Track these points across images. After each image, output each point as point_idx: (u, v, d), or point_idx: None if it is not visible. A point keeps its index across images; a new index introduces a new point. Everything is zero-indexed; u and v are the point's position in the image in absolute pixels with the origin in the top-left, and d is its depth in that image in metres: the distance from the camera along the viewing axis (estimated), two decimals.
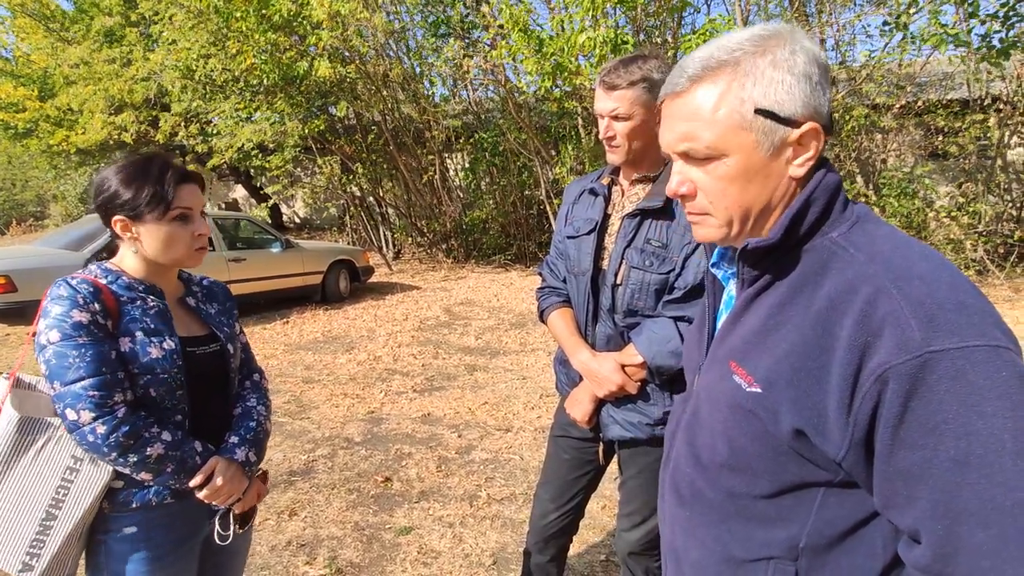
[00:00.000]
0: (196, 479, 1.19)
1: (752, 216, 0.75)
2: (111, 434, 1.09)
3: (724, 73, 0.71)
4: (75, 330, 1.10)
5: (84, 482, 1.13)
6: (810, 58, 0.71)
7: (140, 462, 1.12)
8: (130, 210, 1.18)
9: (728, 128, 0.71)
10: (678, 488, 0.87)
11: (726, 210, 0.75)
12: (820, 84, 0.71)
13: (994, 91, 7.86)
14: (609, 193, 1.54)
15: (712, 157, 0.73)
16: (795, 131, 0.71)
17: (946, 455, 0.59)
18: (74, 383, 1.09)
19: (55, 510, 1.11)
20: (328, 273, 7.84)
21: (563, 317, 1.56)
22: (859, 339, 0.63)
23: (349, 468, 3.24)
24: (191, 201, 1.22)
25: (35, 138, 12.96)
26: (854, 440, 0.64)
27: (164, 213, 1.19)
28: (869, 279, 0.65)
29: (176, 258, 1.23)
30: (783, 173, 0.73)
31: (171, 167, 1.21)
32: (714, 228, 0.77)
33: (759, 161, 0.72)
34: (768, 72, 0.70)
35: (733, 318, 0.80)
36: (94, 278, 1.19)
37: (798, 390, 0.67)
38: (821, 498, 0.72)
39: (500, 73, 8.78)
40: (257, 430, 1.34)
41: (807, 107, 0.70)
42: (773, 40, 0.71)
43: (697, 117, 0.72)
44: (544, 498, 1.69)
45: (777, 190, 0.74)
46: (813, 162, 0.73)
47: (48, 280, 1.19)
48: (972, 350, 0.59)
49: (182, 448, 1.18)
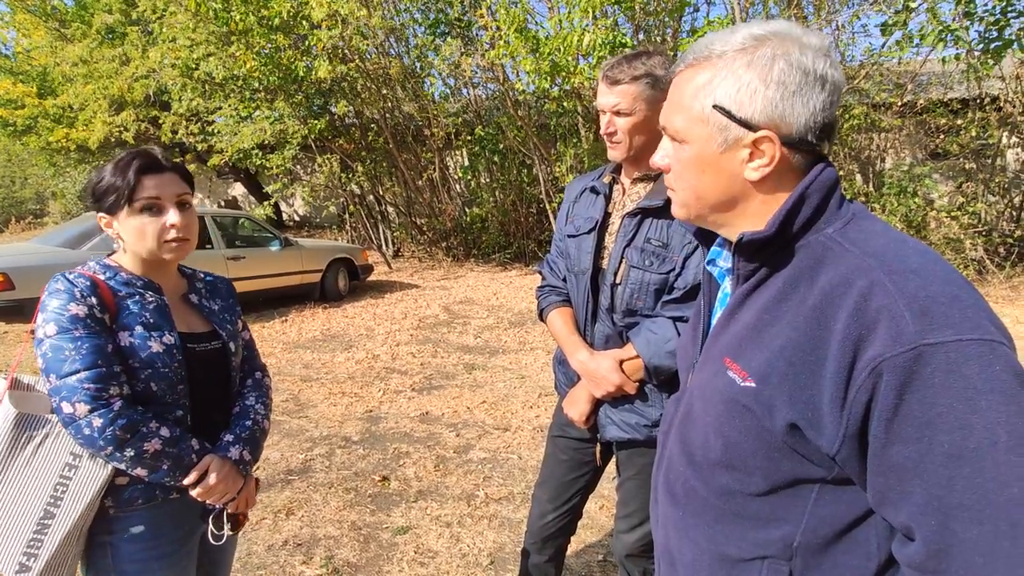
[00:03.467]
0: (190, 477, 1.18)
1: (707, 205, 0.78)
2: (107, 427, 1.08)
3: (709, 65, 0.74)
4: (72, 323, 1.10)
5: (83, 479, 1.12)
6: (793, 66, 0.69)
7: (136, 457, 1.11)
8: (104, 205, 1.19)
9: (691, 117, 0.75)
10: (672, 488, 0.87)
11: (683, 190, 0.80)
12: (798, 94, 0.70)
13: (993, 91, 7.85)
14: (610, 192, 1.52)
15: (677, 139, 0.78)
16: (750, 134, 0.71)
17: (940, 449, 0.59)
18: (70, 376, 1.08)
19: (53, 508, 1.10)
20: (327, 271, 7.83)
21: (562, 316, 1.56)
22: (853, 332, 0.63)
23: (347, 467, 3.23)
24: (158, 191, 1.19)
25: (34, 135, 12.93)
26: (848, 433, 0.64)
27: (129, 204, 1.17)
28: (863, 273, 0.65)
29: (148, 249, 1.20)
30: (736, 172, 0.74)
31: (137, 158, 1.19)
32: (677, 205, 0.82)
33: (711, 154, 0.74)
34: (740, 72, 0.71)
35: (728, 315, 0.80)
36: (92, 273, 1.18)
37: (792, 384, 0.67)
38: (815, 496, 0.71)
39: (499, 71, 8.76)
40: (253, 429, 1.33)
41: (767, 114, 0.70)
42: (763, 42, 0.71)
43: (677, 101, 0.77)
44: (542, 498, 1.68)
45: (732, 187, 0.75)
46: (769, 169, 0.72)
47: (46, 278, 1.19)
48: (966, 343, 0.59)
49: (179, 445, 1.17)
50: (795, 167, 0.74)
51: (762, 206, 0.76)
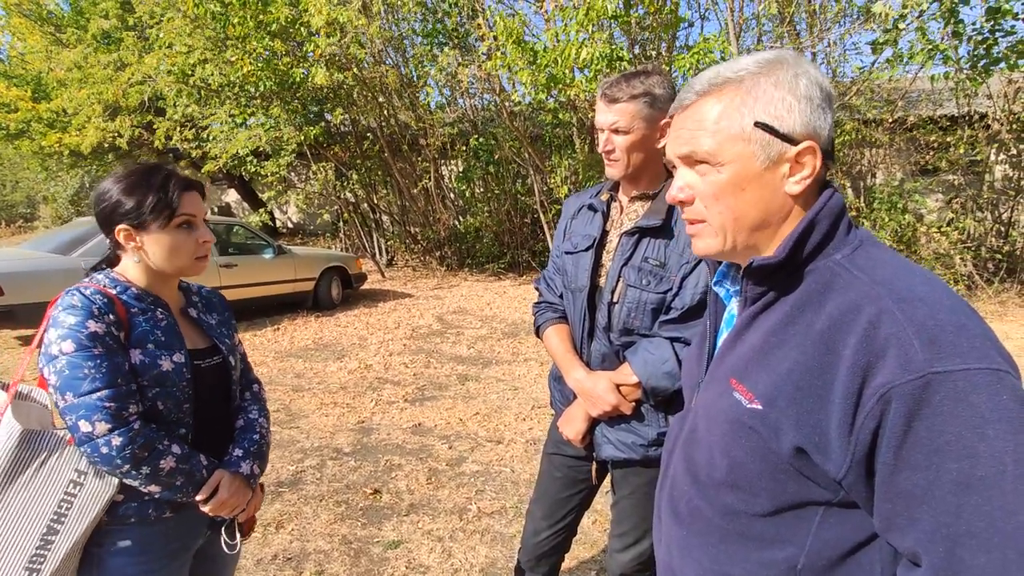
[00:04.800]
0: (202, 493, 1.20)
1: (745, 227, 0.77)
2: (127, 446, 1.08)
3: (729, 90, 0.75)
4: (91, 341, 1.09)
5: (88, 496, 1.12)
6: (812, 82, 0.74)
7: (152, 474, 1.12)
8: (134, 218, 1.18)
9: (727, 137, 0.74)
10: (675, 507, 0.86)
11: (719, 215, 0.77)
12: (821, 107, 0.74)
13: (981, 109, 7.98)
14: (608, 210, 1.53)
15: (710, 162, 0.76)
16: (793, 147, 0.73)
17: (948, 477, 0.59)
18: (89, 394, 1.08)
19: (57, 525, 1.10)
20: (320, 280, 7.80)
21: (559, 334, 1.55)
22: (862, 359, 0.63)
23: (338, 479, 3.20)
24: (194, 208, 1.23)
25: (27, 139, 12.85)
26: (855, 459, 0.65)
27: (169, 220, 1.19)
28: (872, 300, 0.66)
29: (180, 266, 1.23)
30: (778, 188, 0.75)
31: (174, 175, 1.23)
32: (710, 237, 0.79)
33: (754, 171, 0.74)
34: (770, 90, 0.73)
35: (734, 336, 0.80)
36: (104, 288, 1.17)
37: (800, 408, 0.68)
38: (820, 518, 0.72)
39: (496, 82, 8.81)
40: (260, 443, 1.36)
41: (806, 126, 0.73)
42: (777, 64, 0.74)
43: (700, 126, 0.76)
44: (537, 515, 1.67)
45: (772, 204, 0.76)
46: (810, 181, 0.74)
47: (36, 284, 1.19)
48: (974, 372, 0.59)
49: (191, 461, 1.18)
50: (820, 182, 0.77)
51: (788, 227, 0.77)
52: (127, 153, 12.62)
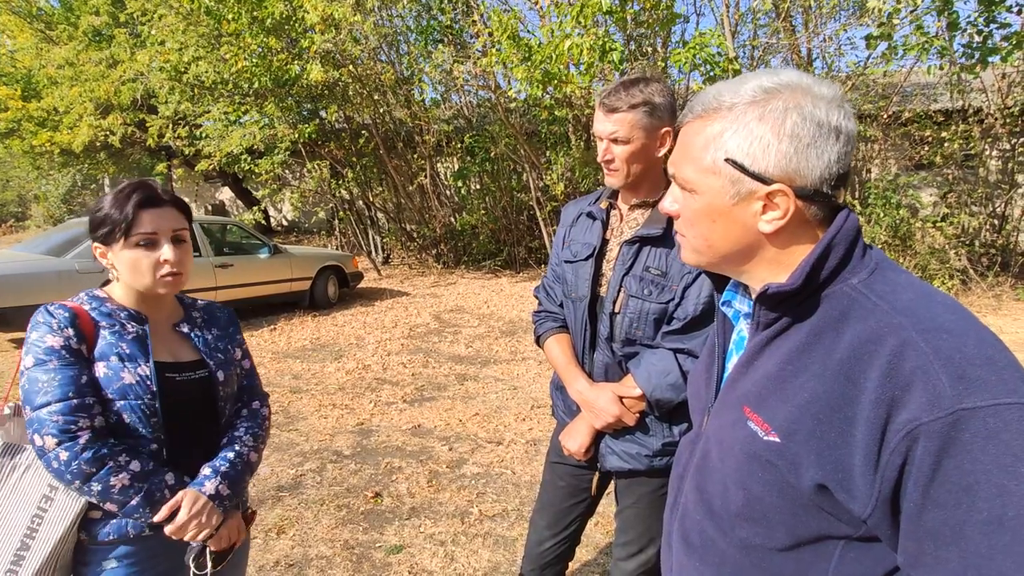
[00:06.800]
0: (161, 513, 1.15)
1: (719, 254, 0.77)
2: (72, 461, 1.07)
3: (719, 117, 0.73)
4: (47, 355, 1.11)
5: (57, 512, 1.12)
6: (806, 119, 0.69)
7: (104, 491, 1.09)
8: (100, 236, 1.20)
9: (702, 168, 0.74)
10: (687, 536, 0.85)
11: (694, 238, 0.79)
12: (812, 147, 0.69)
13: (976, 103, 8.00)
14: (607, 218, 1.52)
15: (686, 188, 0.77)
16: (764, 187, 0.71)
17: (979, 517, 0.58)
18: (41, 408, 1.08)
19: (29, 540, 1.10)
20: (316, 279, 7.77)
21: (560, 344, 1.55)
22: (886, 393, 0.61)
23: (338, 483, 3.20)
24: (155, 225, 1.19)
25: (17, 138, 12.73)
26: (881, 497, 0.63)
27: (126, 238, 1.18)
28: (894, 330, 0.64)
29: (144, 284, 1.21)
30: (750, 224, 0.73)
31: (137, 191, 1.19)
32: (688, 251, 0.81)
33: (723, 206, 0.74)
34: (751, 125, 0.70)
35: (746, 361, 0.78)
36: (76, 304, 1.19)
37: (821, 442, 0.66)
38: (840, 552, 0.70)
39: (491, 79, 8.77)
40: (235, 462, 1.27)
41: (781, 168, 0.70)
42: (774, 94, 0.70)
43: (685, 151, 0.77)
44: (540, 525, 1.67)
45: (744, 239, 0.74)
46: (783, 222, 0.72)
47: (28, 286, 1.20)
48: (1005, 408, 0.58)
49: (150, 479, 1.14)
50: (810, 219, 0.73)
51: (779, 254, 0.75)
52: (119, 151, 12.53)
